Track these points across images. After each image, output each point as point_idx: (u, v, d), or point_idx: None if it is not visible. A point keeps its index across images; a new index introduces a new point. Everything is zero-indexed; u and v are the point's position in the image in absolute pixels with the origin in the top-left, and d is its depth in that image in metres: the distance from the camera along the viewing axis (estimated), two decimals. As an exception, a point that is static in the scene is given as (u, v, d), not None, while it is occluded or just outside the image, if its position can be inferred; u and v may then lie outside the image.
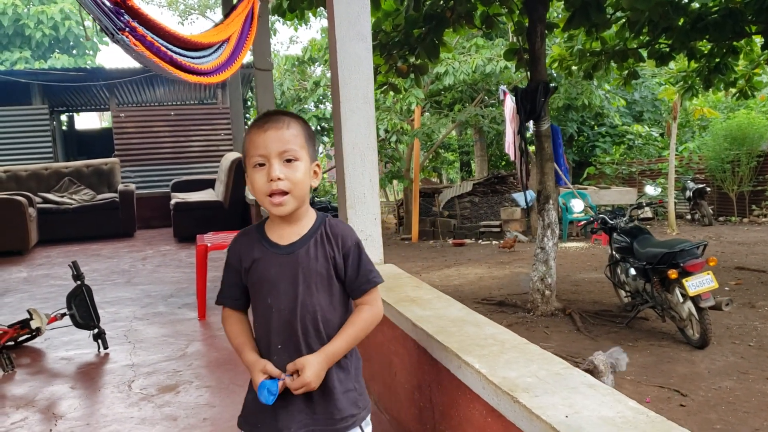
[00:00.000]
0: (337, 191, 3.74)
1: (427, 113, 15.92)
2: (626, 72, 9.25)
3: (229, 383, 3.68)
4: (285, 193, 1.73)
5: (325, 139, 16.62)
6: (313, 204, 14.69)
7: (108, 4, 2.46)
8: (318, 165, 1.84)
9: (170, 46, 2.91)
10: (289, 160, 1.74)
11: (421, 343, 2.42)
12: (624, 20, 7.94)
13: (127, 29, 2.51)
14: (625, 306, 7.02)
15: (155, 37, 2.76)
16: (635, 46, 8.53)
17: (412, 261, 11.29)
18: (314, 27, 42.78)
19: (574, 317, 6.83)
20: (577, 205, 12.82)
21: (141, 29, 2.60)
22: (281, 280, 1.79)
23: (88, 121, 33.05)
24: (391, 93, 9.75)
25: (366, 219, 3.56)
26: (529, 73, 7.40)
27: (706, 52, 8.62)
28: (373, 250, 3.58)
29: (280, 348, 1.78)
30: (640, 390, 4.96)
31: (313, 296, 1.79)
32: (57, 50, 24.12)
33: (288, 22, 9.97)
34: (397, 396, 2.85)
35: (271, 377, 1.72)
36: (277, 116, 1.79)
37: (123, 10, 2.51)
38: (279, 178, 1.71)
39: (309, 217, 1.86)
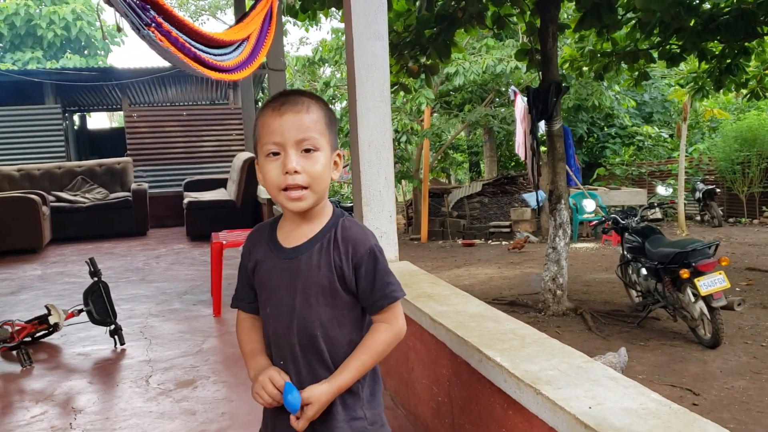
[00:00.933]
0: (353, 189, 3.77)
1: (436, 114, 15.94)
2: (637, 73, 9.24)
3: (246, 379, 3.68)
4: (303, 187, 1.50)
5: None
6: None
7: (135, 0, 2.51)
8: (339, 155, 1.61)
9: (194, 43, 2.95)
10: (307, 150, 1.50)
11: (440, 338, 2.45)
12: (635, 21, 7.94)
13: (153, 25, 2.55)
14: (637, 306, 7.02)
15: (180, 33, 2.80)
16: (646, 47, 8.52)
17: (422, 261, 11.31)
18: (324, 28, 42.85)
19: (586, 317, 6.84)
20: (589, 206, 12.81)
21: (166, 25, 2.64)
22: (280, 288, 1.57)
23: (99, 121, 33.22)
24: (402, 93, 9.77)
25: (381, 216, 3.59)
26: (540, 73, 7.42)
27: (717, 52, 8.61)
28: (389, 247, 3.61)
29: (281, 364, 1.57)
30: (652, 389, 4.96)
31: (312, 310, 1.54)
32: (68, 50, 24.27)
33: (299, 24, 10.03)
34: (414, 391, 2.88)
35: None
36: (295, 97, 1.54)
37: (149, 6, 2.55)
38: (296, 171, 1.48)
39: (323, 217, 1.60)
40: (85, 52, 24.85)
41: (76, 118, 16.57)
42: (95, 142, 16.67)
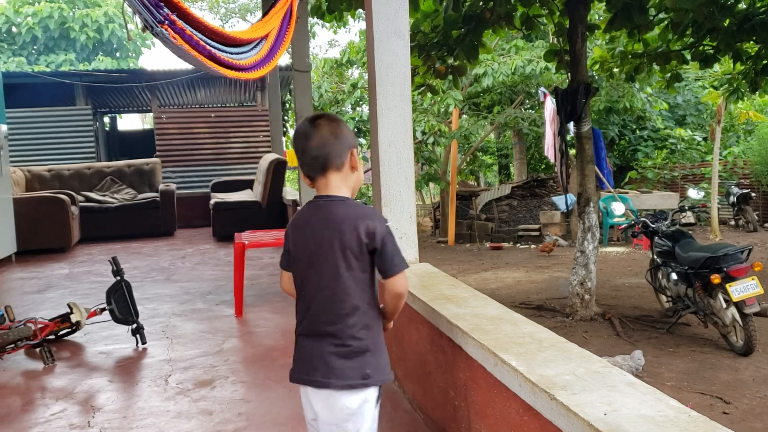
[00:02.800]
0: (373, 189, 3.73)
1: (465, 115, 15.85)
2: (669, 74, 9.06)
3: (265, 379, 3.69)
4: None
5: (362, 141, 16.65)
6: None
7: (149, -3, 2.50)
8: (352, 153, 1.97)
9: (209, 41, 2.93)
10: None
11: (456, 341, 2.39)
12: (667, 21, 7.79)
13: (166, 22, 2.53)
14: (666, 311, 6.88)
15: (194, 31, 2.78)
16: (678, 47, 8.35)
17: (448, 264, 11.23)
18: (353, 30, 42.97)
19: (614, 322, 6.71)
20: (618, 209, 12.62)
21: (180, 23, 2.62)
22: None
23: (130, 122, 33.69)
24: (429, 94, 9.72)
25: (401, 217, 3.54)
26: (569, 74, 7.31)
27: (752, 53, 8.40)
28: (408, 248, 3.56)
29: None
30: (681, 396, 4.84)
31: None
32: (101, 53, 24.65)
33: (327, 25, 10.04)
34: (432, 395, 2.82)
35: None
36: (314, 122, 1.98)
37: (162, 4, 2.53)
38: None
39: None
40: (117, 54, 25.22)
41: (106, 119, 16.80)
42: (125, 143, 16.87)
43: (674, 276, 6.45)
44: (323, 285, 1.97)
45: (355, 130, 15.88)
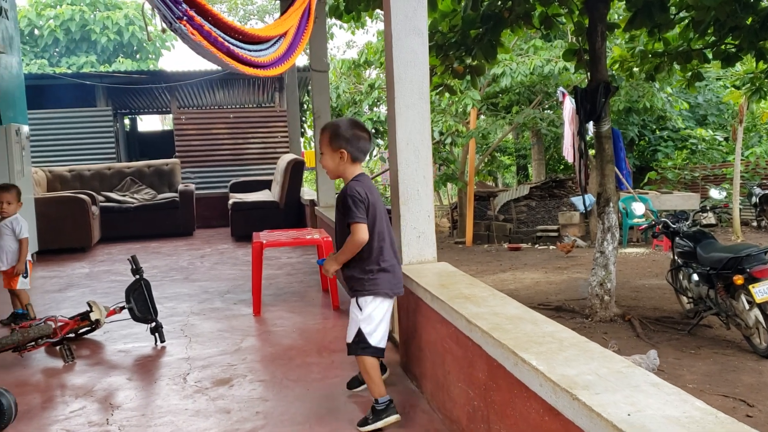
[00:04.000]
0: (391, 187, 3.71)
1: (483, 115, 15.78)
2: (690, 74, 8.95)
3: (282, 378, 3.68)
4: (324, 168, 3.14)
5: (380, 141, 16.64)
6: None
7: (167, -8, 2.50)
8: (341, 152, 3.02)
9: (227, 37, 2.93)
10: (322, 153, 3.09)
11: (476, 340, 2.37)
12: (688, 20, 7.70)
13: (185, 18, 2.53)
14: (687, 312, 6.79)
15: (213, 27, 2.78)
16: (700, 46, 8.24)
17: (466, 265, 11.18)
18: (370, 31, 42.97)
19: (634, 323, 6.64)
20: (638, 209, 12.49)
21: (199, 18, 2.62)
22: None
23: (150, 123, 33.94)
24: (447, 95, 9.67)
25: (419, 216, 3.52)
26: (589, 73, 7.25)
27: (776, 52, 8.28)
28: (426, 247, 3.55)
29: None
30: (703, 399, 4.76)
31: (341, 229, 3.11)
32: (121, 54, 24.86)
33: (345, 26, 10.05)
34: (450, 394, 2.80)
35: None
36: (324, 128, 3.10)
37: (181, 0, 2.53)
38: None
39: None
40: (137, 56, 25.42)
41: (126, 120, 16.93)
42: (145, 144, 17.00)
43: (696, 277, 6.37)
44: (389, 229, 3.10)
45: (373, 130, 15.86)
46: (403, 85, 3.41)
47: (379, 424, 2.93)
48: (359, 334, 3.01)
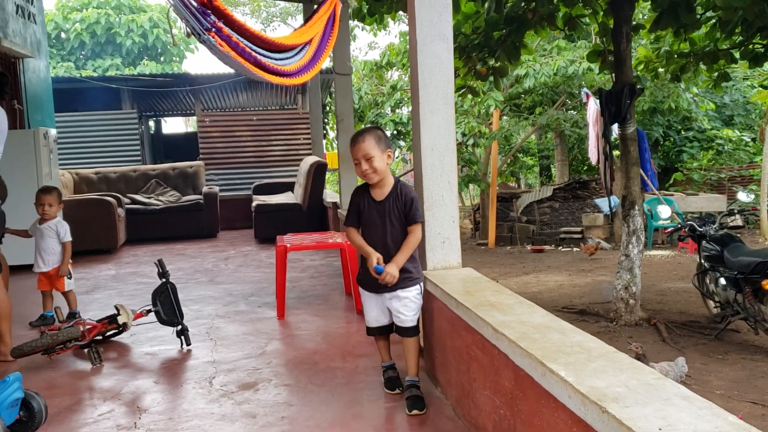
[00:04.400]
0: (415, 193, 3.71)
1: (506, 116, 15.71)
2: (716, 74, 8.83)
3: (307, 383, 3.69)
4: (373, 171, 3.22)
5: (402, 143, 16.62)
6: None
7: (195, 4, 2.52)
8: (389, 154, 3.28)
9: (254, 47, 2.95)
10: (368, 159, 3.20)
11: (502, 349, 2.36)
12: (715, 20, 7.60)
13: (213, 30, 2.56)
14: (714, 317, 6.71)
15: (240, 38, 2.80)
16: (726, 46, 8.14)
17: (489, 267, 11.14)
18: (393, 32, 42.96)
19: (660, 328, 6.57)
20: (664, 212, 12.35)
21: (227, 30, 2.64)
22: (375, 219, 3.30)
23: (175, 125, 34.23)
24: (469, 96, 9.65)
25: (444, 221, 3.52)
26: (613, 75, 7.19)
27: (805, 51, 8.14)
28: (451, 253, 3.54)
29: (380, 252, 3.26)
30: (730, 405, 4.72)
31: (394, 228, 3.28)
32: (145, 57, 25.12)
33: (367, 28, 10.06)
34: (476, 402, 2.79)
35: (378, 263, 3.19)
36: (358, 135, 3.24)
37: (210, 11, 2.56)
38: (366, 169, 3.22)
39: (390, 185, 3.31)
40: (161, 58, 25.67)
41: (151, 122, 17.10)
42: (169, 146, 17.16)
43: (723, 281, 6.29)
44: None
45: (395, 132, 15.85)
46: (427, 91, 3.41)
47: None
48: (419, 318, 3.42)
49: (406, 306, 3.31)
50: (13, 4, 8.74)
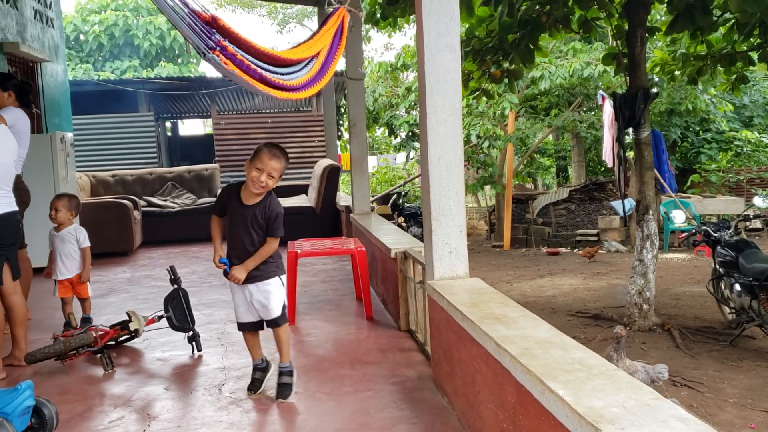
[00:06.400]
0: (422, 203, 3.72)
1: (521, 118, 15.65)
2: (734, 76, 8.75)
3: (315, 390, 3.72)
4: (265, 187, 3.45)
5: (416, 144, 16.61)
6: (402, 209, 14.74)
7: (200, 23, 2.55)
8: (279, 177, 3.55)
9: (260, 63, 2.98)
10: (271, 176, 3.45)
11: (505, 364, 2.37)
12: (732, 22, 7.53)
13: (218, 48, 2.59)
14: (730, 323, 6.65)
15: (245, 55, 2.83)
16: (744, 48, 8.06)
17: (503, 269, 11.11)
18: (408, 33, 42.95)
19: (674, 333, 6.53)
20: (679, 216, 12.26)
21: (231, 48, 2.67)
22: (240, 222, 3.51)
23: (193, 127, 34.45)
24: (484, 98, 9.62)
25: (451, 231, 3.52)
26: (628, 78, 7.15)
27: (824, 53, 8.04)
28: (458, 263, 3.54)
29: (234, 253, 3.58)
30: (744, 414, 4.68)
31: (257, 235, 3.51)
32: (163, 59, 25.30)
33: (382, 30, 10.04)
34: (480, 414, 2.80)
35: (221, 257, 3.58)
36: (277, 150, 3.51)
37: (214, 30, 2.59)
38: (265, 183, 3.43)
39: (262, 195, 3.52)
40: (179, 60, 25.85)
41: (168, 124, 17.24)
42: (186, 148, 17.28)
43: (738, 287, 6.24)
44: None
45: (410, 133, 15.84)
46: (435, 101, 3.42)
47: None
48: (284, 306, 3.68)
49: (268, 298, 3.56)
50: (32, 9, 8.85)
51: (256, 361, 3.78)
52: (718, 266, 6.71)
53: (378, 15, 7.65)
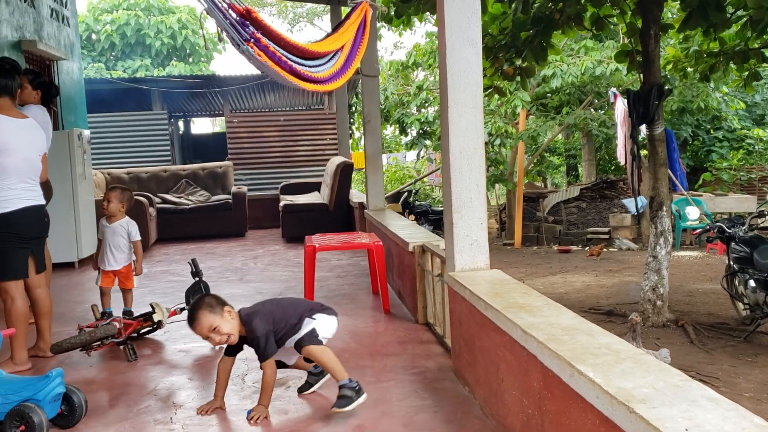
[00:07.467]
0: (443, 196, 3.76)
1: (532, 116, 15.67)
2: (747, 73, 8.76)
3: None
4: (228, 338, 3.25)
5: (427, 142, 16.64)
6: (412, 207, 14.78)
7: (234, 16, 2.61)
8: (228, 310, 3.25)
9: (290, 56, 3.03)
10: (214, 329, 3.19)
11: (531, 350, 2.41)
12: (746, 19, 7.54)
13: (252, 40, 2.64)
14: (744, 319, 6.67)
15: (277, 47, 2.88)
16: (757, 45, 8.07)
17: (515, 267, 11.14)
18: (419, 32, 43.00)
19: (688, 329, 6.55)
20: (692, 213, 12.26)
21: (264, 40, 2.73)
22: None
23: (201, 126, 34.59)
24: (496, 96, 9.66)
25: (472, 223, 3.56)
26: (641, 75, 7.17)
27: (838, 50, 8.05)
28: (479, 254, 3.59)
29: None
30: (760, 408, 4.70)
31: None
32: (174, 58, 25.42)
33: (393, 28, 10.09)
34: (504, 402, 2.84)
35: None
36: (190, 321, 3.25)
37: (248, 22, 2.65)
38: (219, 340, 3.24)
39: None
40: (190, 59, 25.97)
41: (180, 123, 17.34)
42: (198, 146, 17.37)
43: (752, 283, 6.25)
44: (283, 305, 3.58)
45: (421, 131, 15.89)
46: (456, 95, 3.46)
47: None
48: (312, 330, 3.37)
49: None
50: (48, 7, 8.94)
51: (311, 368, 3.67)
52: (732, 262, 6.73)
53: (392, 13, 7.70)
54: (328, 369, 3.34)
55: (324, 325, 3.44)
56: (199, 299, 3.31)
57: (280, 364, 3.43)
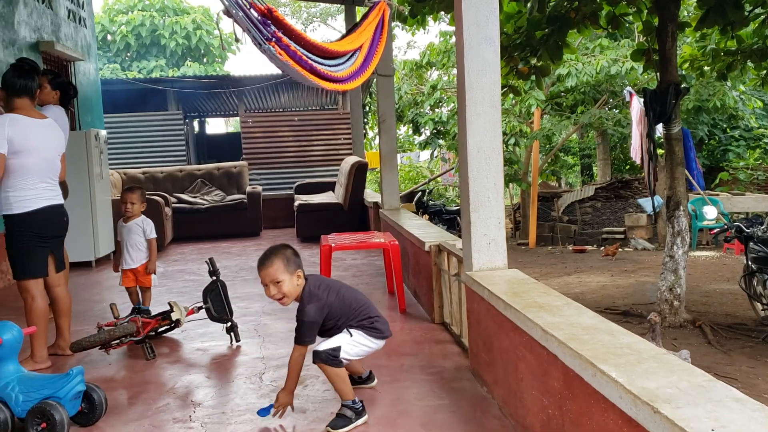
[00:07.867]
0: (461, 194, 3.76)
1: (547, 115, 15.62)
2: (765, 72, 8.69)
3: (354, 380, 3.77)
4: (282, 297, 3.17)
5: (441, 141, 16.63)
6: (426, 207, 14.77)
7: (256, 15, 2.62)
8: (298, 274, 3.17)
9: (310, 55, 3.04)
10: (277, 282, 3.12)
11: (551, 349, 2.40)
12: (764, 17, 7.48)
13: (273, 39, 2.66)
14: (762, 320, 6.62)
15: (297, 47, 2.89)
16: (776, 43, 8.00)
17: (530, 267, 11.11)
18: (432, 31, 42.95)
19: (705, 329, 6.51)
20: (710, 212, 12.17)
21: (285, 39, 2.74)
22: None
23: (215, 126, 34.73)
24: (511, 95, 9.65)
25: (489, 223, 3.55)
26: (658, 74, 7.13)
27: None
28: (497, 254, 3.57)
29: None
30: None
31: None
32: (189, 58, 25.56)
33: (407, 28, 10.09)
34: (523, 402, 2.84)
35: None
36: (264, 259, 3.18)
37: (270, 22, 2.66)
38: (273, 295, 3.18)
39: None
40: (204, 60, 26.10)
41: (195, 123, 17.42)
42: (213, 146, 17.46)
43: (771, 283, 6.21)
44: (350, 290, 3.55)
45: (435, 131, 15.88)
46: (474, 94, 3.45)
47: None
48: (334, 348, 3.18)
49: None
50: (65, 9, 9.02)
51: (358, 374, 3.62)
52: (750, 262, 6.67)
53: (406, 12, 7.71)
54: (335, 388, 3.24)
55: (355, 343, 3.26)
56: (281, 246, 3.19)
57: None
